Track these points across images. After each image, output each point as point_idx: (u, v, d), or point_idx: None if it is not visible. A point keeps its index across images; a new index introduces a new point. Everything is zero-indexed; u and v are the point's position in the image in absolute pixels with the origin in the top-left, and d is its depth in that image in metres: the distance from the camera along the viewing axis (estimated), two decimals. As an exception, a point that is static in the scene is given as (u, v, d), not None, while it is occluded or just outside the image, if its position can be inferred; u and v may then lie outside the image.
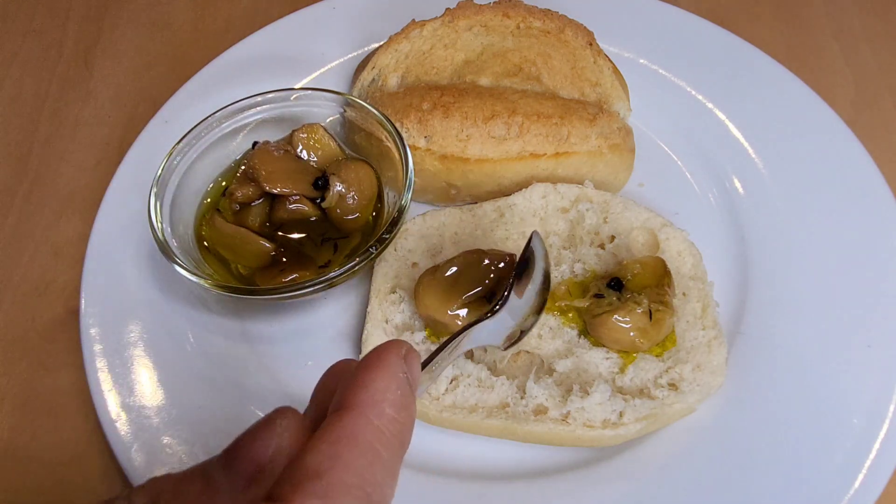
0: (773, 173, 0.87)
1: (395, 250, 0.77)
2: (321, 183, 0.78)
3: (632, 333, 0.67)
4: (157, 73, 1.09)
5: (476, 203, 0.81)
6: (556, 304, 0.72)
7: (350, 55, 0.98)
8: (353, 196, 0.78)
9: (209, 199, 0.83)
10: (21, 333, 0.84)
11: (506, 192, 0.81)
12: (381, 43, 0.91)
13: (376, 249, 0.72)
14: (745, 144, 0.90)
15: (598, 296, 0.69)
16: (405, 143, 0.78)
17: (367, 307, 0.74)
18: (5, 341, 0.84)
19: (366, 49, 0.99)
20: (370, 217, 0.80)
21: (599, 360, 0.69)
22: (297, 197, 0.78)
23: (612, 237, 0.78)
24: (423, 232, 0.78)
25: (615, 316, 0.66)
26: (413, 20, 0.89)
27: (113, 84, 1.08)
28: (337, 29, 1.02)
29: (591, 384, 0.66)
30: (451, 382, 0.67)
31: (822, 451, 0.66)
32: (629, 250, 0.76)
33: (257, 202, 0.79)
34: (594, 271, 0.75)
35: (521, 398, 0.66)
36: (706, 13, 1.02)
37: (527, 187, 0.81)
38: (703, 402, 0.70)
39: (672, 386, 0.68)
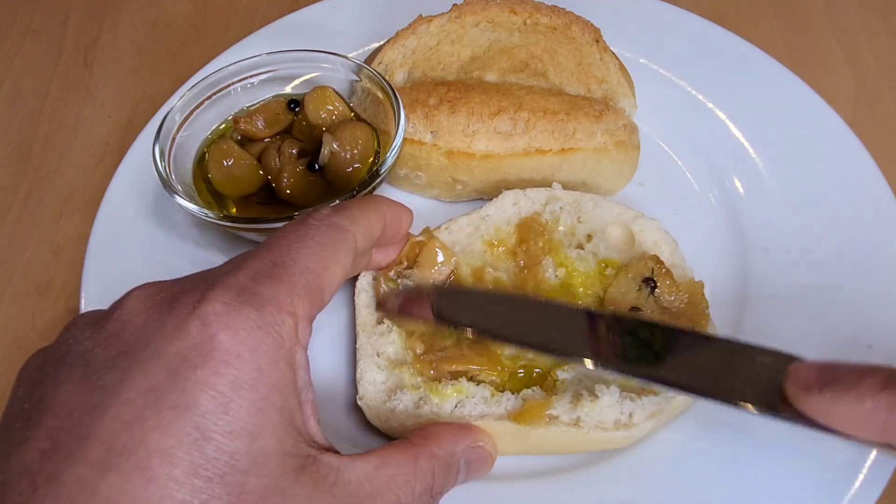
0: (773, 173, 0.87)
1: (375, 279, 0.75)
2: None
3: None
4: (157, 73, 1.09)
5: (452, 219, 0.79)
6: None
7: (350, 55, 0.98)
8: (347, 155, 0.79)
9: (212, 139, 0.86)
10: (21, 333, 0.84)
11: (511, 187, 0.81)
12: (382, 42, 0.92)
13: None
14: (746, 144, 0.90)
15: (635, 309, 0.70)
16: (401, 106, 0.79)
17: (355, 343, 0.72)
18: (5, 341, 0.84)
19: (367, 48, 0.99)
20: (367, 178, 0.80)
21: None
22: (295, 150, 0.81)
23: (589, 236, 0.77)
24: (402, 259, 0.77)
25: None
26: (420, 15, 0.89)
27: (113, 84, 1.08)
28: (337, 28, 1.02)
29: (595, 388, 0.66)
30: (455, 406, 0.66)
31: (821, 452, 0.66)
32: (608, 248, 0.76)
33: (260, 142, 0.83)
34: (578, 272, 0.75)
35: None
36: (706, 13, 1.02)
37: (539, 186, 0.80)
38: (703, 405, 0.69)
39: None
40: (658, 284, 0.70)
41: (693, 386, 0.56)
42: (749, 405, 0.53)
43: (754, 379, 0.54)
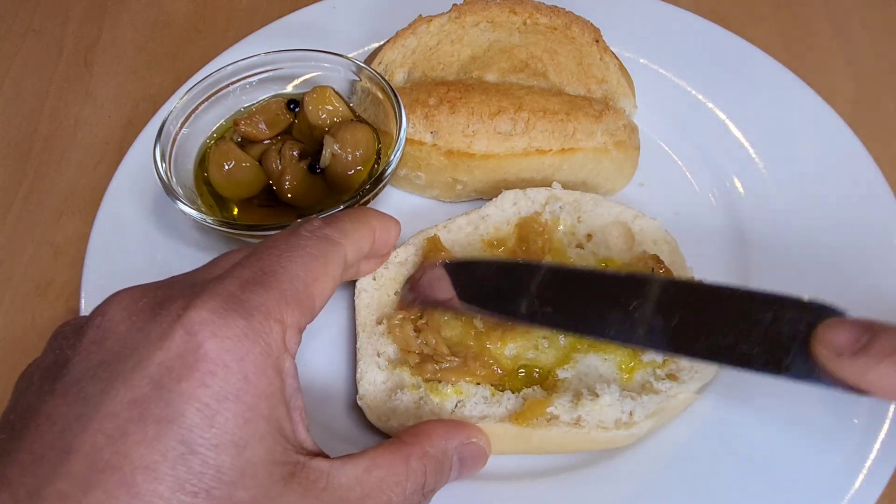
0: (773, 173, 0.87)
1: (375, 279, 0.75)
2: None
3: None
4: (157, 73, 1.09)
5: (451, 219, 0.79)
6: None
7: (350, 55, 0.98)
8: (348, 158, 0.79)
9: (213, 140, 0.85)
10: (21, 333, 0.84)
11: (511, 187, 0.81)
12: (382, 42, 0.92)
13: (355, 203, 0.73)
14: (746, 144, 0.90)
15: None
16: (402, 107, 0.79)
17: (355, 343, 0.72)
18: (5, 341, 0.84)
19: (366, 48, 0.99)
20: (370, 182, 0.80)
21: (599, 363, 0.69)
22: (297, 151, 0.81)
23: (589, 235, 0.77)
24: (403, 259, 0.77)
25: None
26: (420, 16, 0.89)
27: (113, 84, 1.08)
28: (337, 28, 1.02)
29: (595, 387, 0.66)
30: (455, 406, 0.67)
31: (822, 451, 0.66)
32: (608, 247, 0.76)
33: (261, 143, 0.83)
34: None
35: None
36: (706, 13, 1.02)
37: (539, 186, 0.80)
38: (703, 405, 0.70)
39: (672, 377, 0.68)
40: None
41: (713, 353, 0.54)
42: (775, 372, 0.52)
43: (779, 338, 0.52)
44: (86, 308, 0.78)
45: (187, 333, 0.44)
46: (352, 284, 0.76)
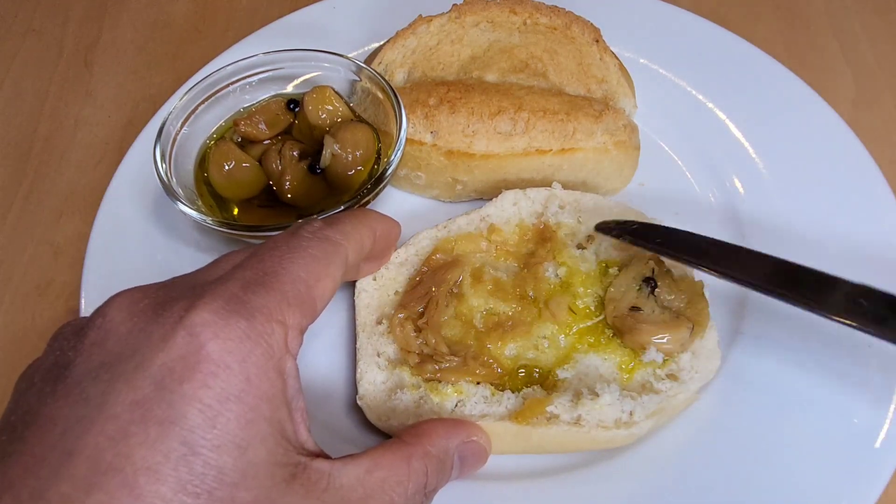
0: (773, 173, 0.87)
1: (375, 280, 0.76)
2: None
3: (670, 345, 0.68)
4: (157, 73, 1.09)
5: (452, 219, 0.79)
6: (560, 319, 0.71)
7: (350, 55, 0.98)
8: (348, 158, 0.79)
9: (213, 140, 0.85)
10: (21, 333, 0.84)
11: (511, 187, 0.81)
12: (382, 42, 0.92)
13: (356, 203, 0.73)
14: (746, 144, 0.90)
15: (636, 308, 0.69)
16: (402, 107, 0.79)
17: (355, 343, 0.72)
18: (5, 341, 0.84)
19: (366, 48, 0.99)
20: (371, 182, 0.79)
21: (599, 363, 0.69)
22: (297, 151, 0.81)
23: (591, 237, 0.77)
24: (403, 259, 0.77)
25: (657, 336, 0.67)
26: (420, 16, 0.89)
27: (113, 84, 1.08)
28: (337, 28, 1.02)
29: (596, 387, 0.66)
30: (455, 405, 0.67)
31: (822, 452, 0.67)
32: (608, 247, 0.76)
33: (261, 143, 0.83)
34: (579, 271, 0.75)
35: None
36: (707, 13, 1.02)
37: (539, 186, 0.81)
38: (703, 405, 0.70)
39: (672, 377, 0.68)
40: (658, 284, 0.70)
41: None
42: None
43: None
44: (86, 308, 0.78)
45: (189, 335, 0.44)
46: (352, 284, 0.76)
